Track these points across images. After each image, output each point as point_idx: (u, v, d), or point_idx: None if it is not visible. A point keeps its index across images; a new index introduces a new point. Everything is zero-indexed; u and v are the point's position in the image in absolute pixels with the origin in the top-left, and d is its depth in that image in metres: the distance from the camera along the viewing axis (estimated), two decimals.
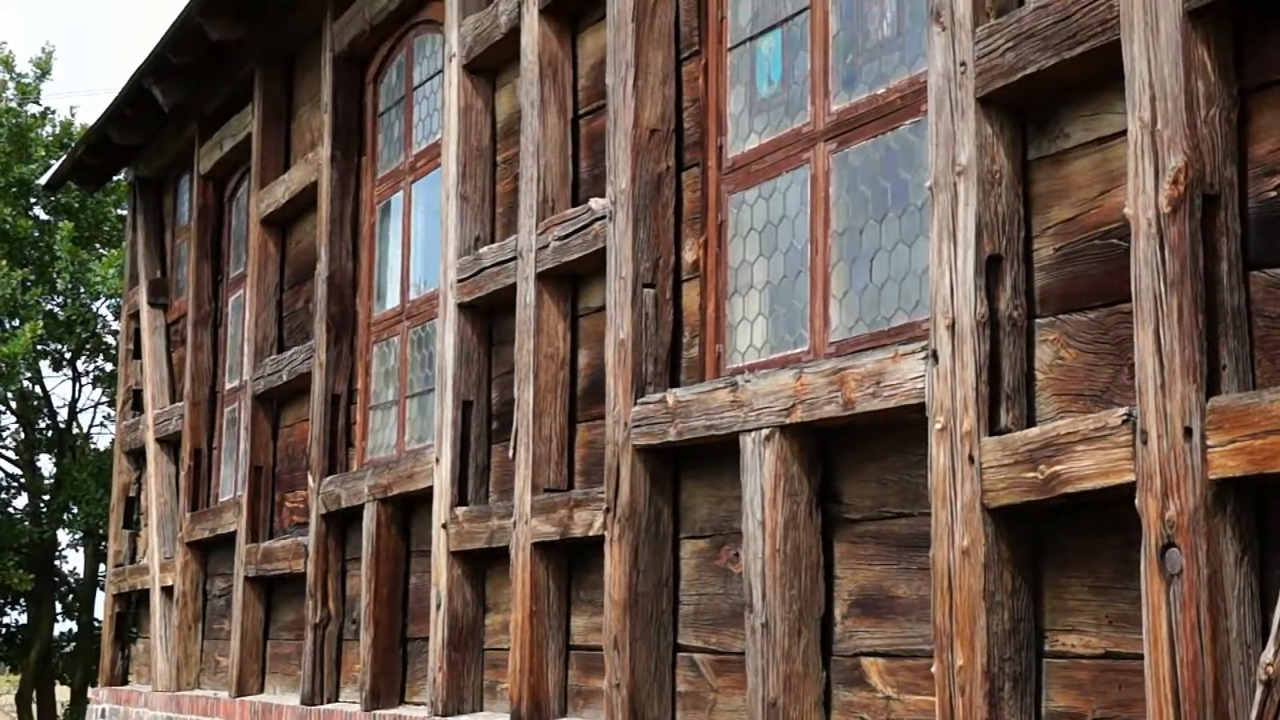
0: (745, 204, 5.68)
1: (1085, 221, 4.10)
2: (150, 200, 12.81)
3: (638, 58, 5.91)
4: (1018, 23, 4.17)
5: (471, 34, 7.28)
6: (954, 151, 4.33)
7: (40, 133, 23.97)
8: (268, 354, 9.87)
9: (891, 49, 5.07)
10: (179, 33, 10.22)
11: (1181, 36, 3.66)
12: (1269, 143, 3.62)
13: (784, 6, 5.57)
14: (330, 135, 8.98)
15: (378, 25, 8.57)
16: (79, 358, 24.82)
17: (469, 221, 7.30)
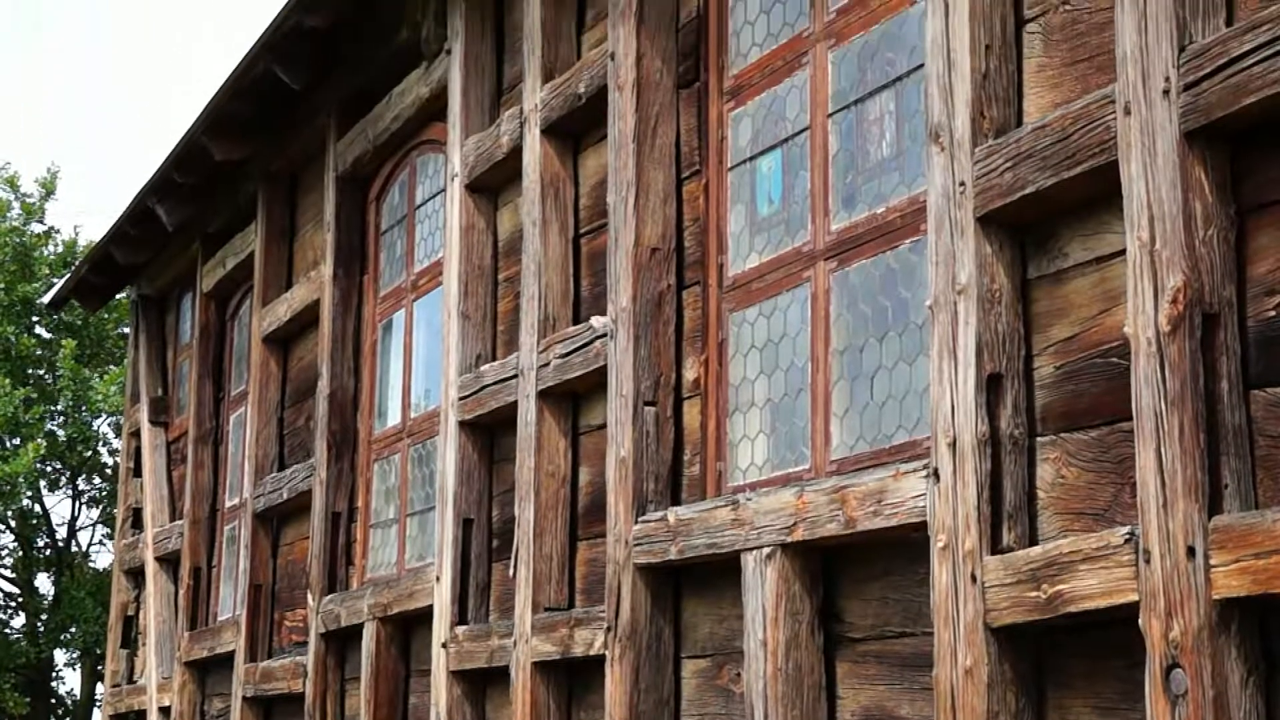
0: (746, 322, 5.70)
1: (1085, 340, 4.11)
2: (152, 318, 12.85)
3: (639, 177, 5.96)
4: (1016, 143, 4.21)
5: (474, 154, 7.34)
6: (954, 270, 4.35)
7: (44, 251, 24.11)
8: (268, 471, 9.86)
9: (891, 169, 5.11)
10: (184, 153, 10.30)
11: (1179, 157, 3.69)
12: (1267, 262, 3.64)
13: (784, 127, 5.61)
14: (333, 254, 9.03)
15: (380, 145, 8.65)
16: (79, 477, 24.78)
17: (470, 339, 7.32)
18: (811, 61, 5.47)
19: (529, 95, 6.83)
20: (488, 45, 7.49)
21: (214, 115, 9.75)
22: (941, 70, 4.47)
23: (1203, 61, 3.66)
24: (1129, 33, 3.85)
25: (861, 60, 5.26)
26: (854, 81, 5.28)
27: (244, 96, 9.46)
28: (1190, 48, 3.71)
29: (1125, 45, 3.87)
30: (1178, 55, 3.72)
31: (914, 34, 4.99)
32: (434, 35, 7.86)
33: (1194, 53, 3.69)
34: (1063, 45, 4.27)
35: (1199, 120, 3.66)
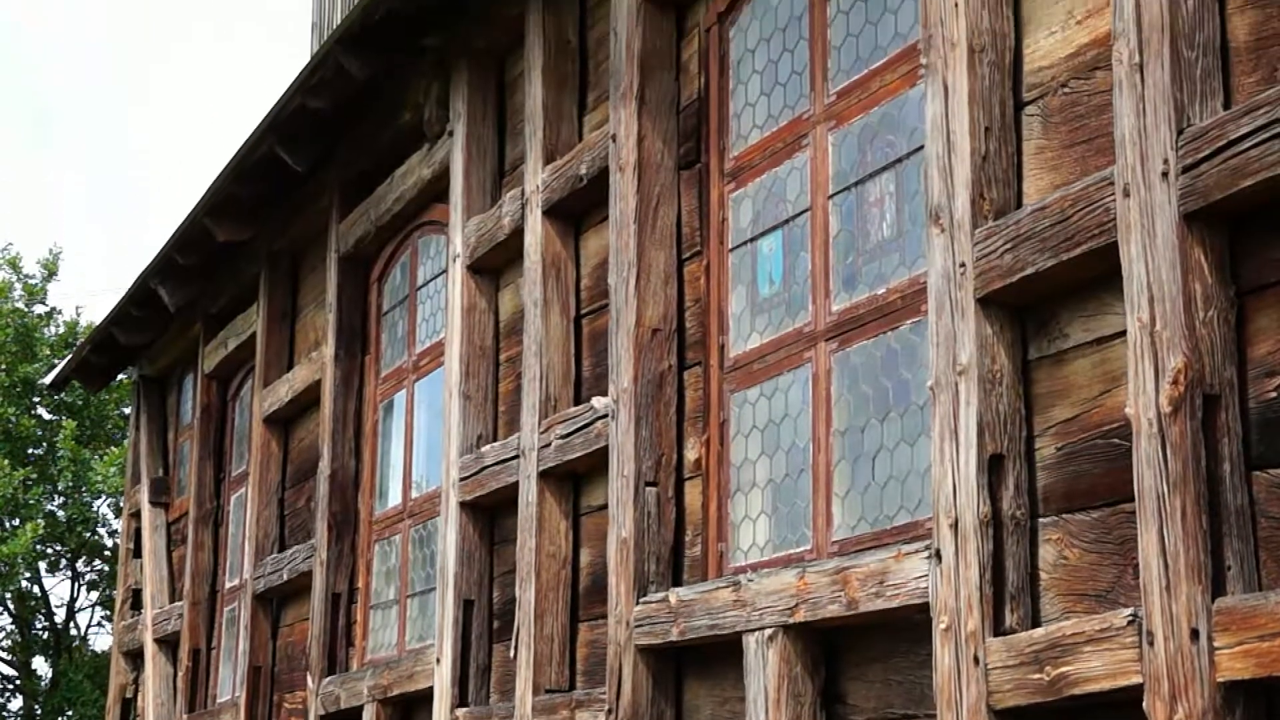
0: (747, 402, 5.70)
1: (1087, 421, 4.11)
2: (154, 399, 12.86)
3: (640, 258, 5.98)
4: (1016, 224, 4.22)
5: (475, 235, 7.37)
6: (955, 351, 4.36)
7: (45, 333, 24.14)
8: (268, 552, 9.83)
9: (891, 250, 5.12)
10: (186, 234, 10.34)
11: (1178, 239, 3.71)
12: (1267, 344, 3.64)
13: (784, 208, 5.64)
14: (334, 334, 9.04)
15: (383, 226, 8.68)
16: (78, 558, 24.71)
17: (471, 420, 7.32)
18: (812, 143, 5.50)
19: (530, 177, 6.86)
20: (490, 127, 7.54)
21: (217, 196, 9.80)
22: (941, 152, 4.50)
23: (1201, 144, 3.68)
24: (1127, 115, 3.88)
25: (862, 142, 5.29)
26: (854, 163, 5.31)
27: (247, 178, 9.51)
28: (1188, 130, 3.73)
29: (1124, 128, 3.89)
30: (1176, 138, 3.75)
31: (914, 116, 5.02)
32: (436, 117, 7.91)
33: (1192, 135, 3.71)
34: (1061, 128, 4.29)
35: (1198, 202, 3.68)
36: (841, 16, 5.42)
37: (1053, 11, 4.37)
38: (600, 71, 6.70)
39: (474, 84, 7.56)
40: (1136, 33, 3.86)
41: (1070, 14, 4.30)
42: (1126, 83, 3.89)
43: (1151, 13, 3.83)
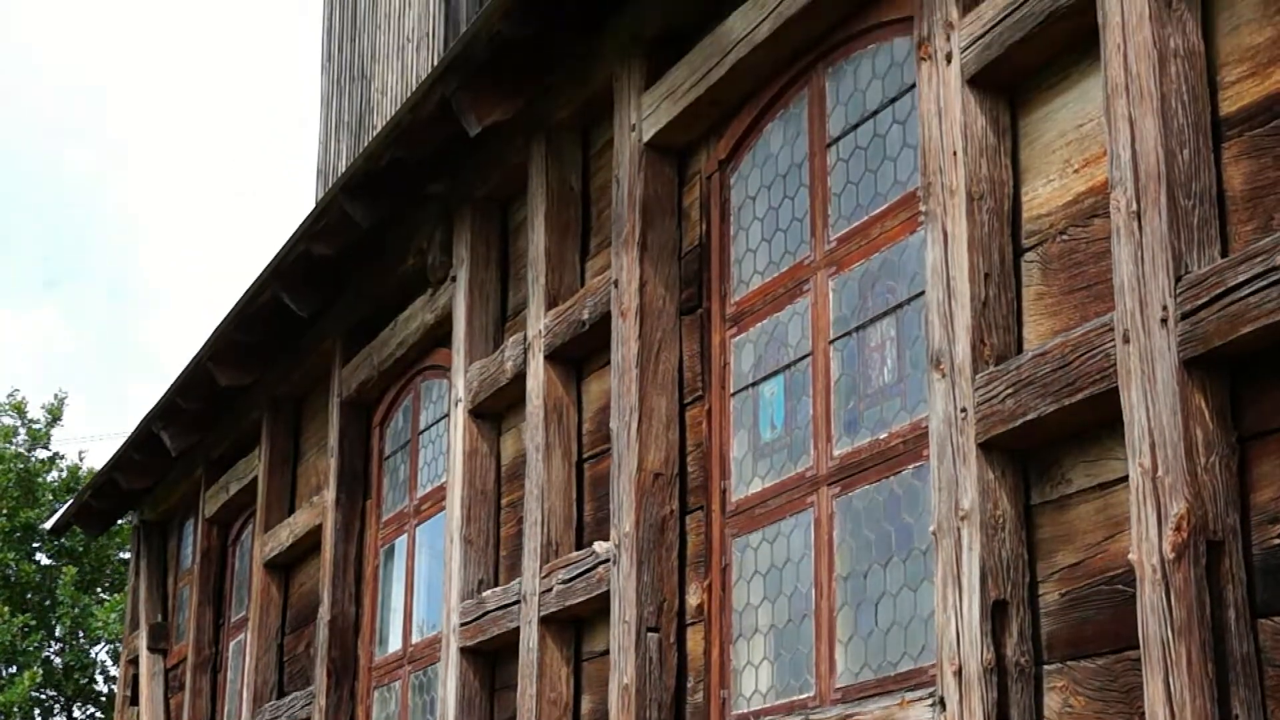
0: (749, 547, 5.68)
1: (1090, 567, 4.10)
2: (154, 544, 12.82)
3: (642, 402, 5.99)
4: (1017, 370, 4.24)
5: (478, 379, 7.39)
6: (957, 496, 4.35)
7: (47, 477, 24.12)
8: (267, 699, 9.74)
9: (893, 394, 5.13)
10: (189, 379, 10.37)
11: (1178, 385, 3.72)
12: (1270, 490, 3.64)
13: (786, 353, 5.66)
14: (335, 479, 9.03)
15: (385, 371, 8.70)
16: (73, 704, 24.47)
17: (472, 565, 7.29)
18: (813, 289, 5.53)
19: (533, 321, 6.89)
20: (492, 272, 7.59)
21: (220, 342, 9.84)
22: (942, 298, 4.53)
23: (1199, 291, 3.71)
24: (1126, 262, 3.91)
25: (862, 288, 5.32)
26: (855, 308, 5.34)
27: (250, 324, 9.55)
28: (1187, 277, 3.76)
29: (1123, 274, 3.92)
30: (1175, 285, 3.77)
31: (914, 262, 5.05)
32: (439, 262, 7.97)
33: (1190, 282, 3.74)
34: (1061, 274, 4.32)
35: (1197, 349, 3.69)
36: (841, 164, 5.48)
37: (1050, 160, 4.42)
38: (602, 217, 6.75)
39: (477, 230, 7.63)
40: (1134, 181, 3.90)
41: (1068, 163, 4.35)
42: (1124, 230, 3.92)
43: (1148, 162, 3.87)
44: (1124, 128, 3.95)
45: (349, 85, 12.05)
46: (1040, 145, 4.46)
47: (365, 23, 11.78)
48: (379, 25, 11.49)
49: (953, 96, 4.58)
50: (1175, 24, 3.90)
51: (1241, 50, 3.84)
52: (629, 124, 6.30)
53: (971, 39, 4.54)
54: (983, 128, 4.53)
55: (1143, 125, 3.90)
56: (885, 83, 5.29)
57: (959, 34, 4.58)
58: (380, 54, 11.44)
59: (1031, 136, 4.50)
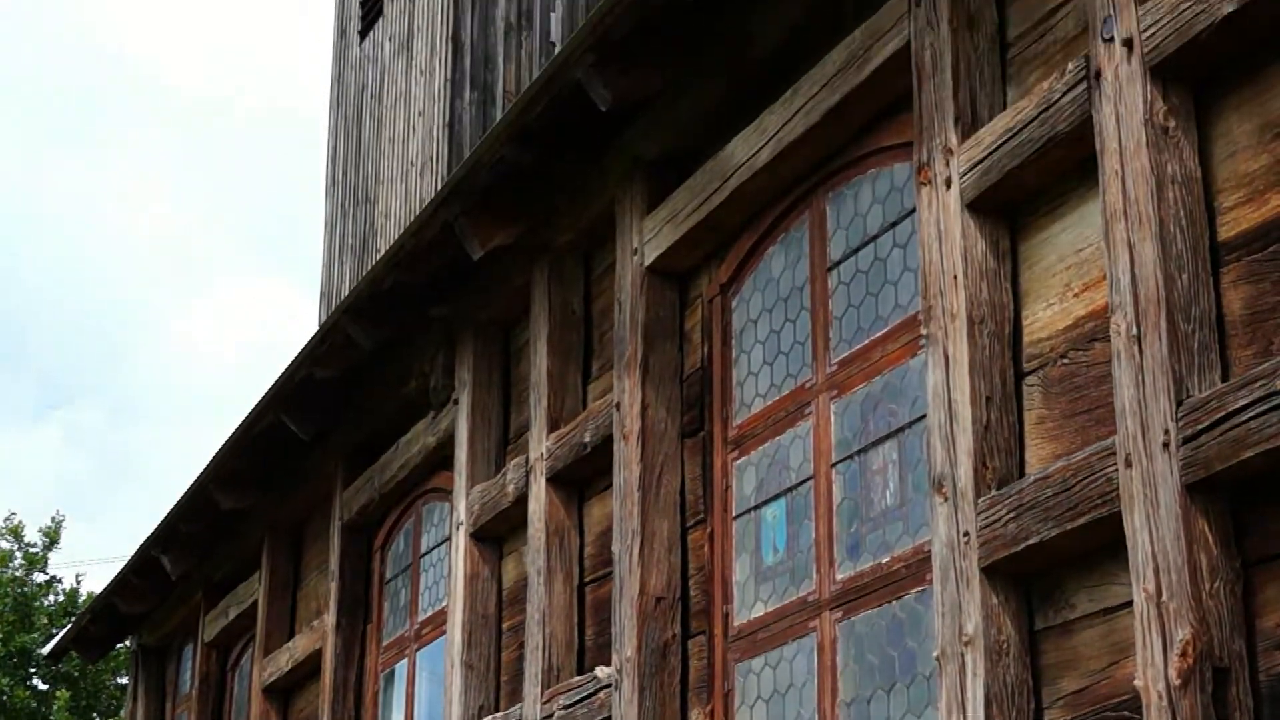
0: (752, 672, 5.63)
1: (1096, 693, 4.06)
2: (152, 669, 12.72)
3: (644, 526, 5.97)
4: (1019, 494, 4.23)
5: (479, 502, 7.37)
6: (960, 621, 4.33)
7: (44, 601, 23.99)
8: None
9: (895, 518, 5.12)
10: (190, 502, 10.35)
11: (1181, 510, 3.71)
12: (1276, 615, 3.62)
13: (788, 476, 5.65)
14: (336, 603, 8.98)
15: (386, 494, 8.68)
16: None
17: (473, 690, 7.23)
18: (814, 412, 5.53)
19: (535, 445, 6.89)
20: (494, 395, 7.59)
21: (221, 466, 9.83)
22: (943, 421, 4.53)
23: (1201, 415, 3.71)
24: (1127, 386, 3.91)
25: (864, 411, 5.32)
26: (857, 432, 5.34)
27: (252, 447, 9.55)
28: (1188, 401, 3.76)
29: (1124, 398, 3.92)
30: (1176, 409, 3.77)
31: (915, 385, 5.06)
32: (441, 385, 7.98)
33: (1192, 406, 3.74)
34: (1062, 398, 4.33)
35: (1200, 473, 3.69)
36: (843, 288, 5.50)
37: (1050, 284, 4.44)
38: (604, 340, 6.77)
39: (479, 352, 7.64)
40: (1133, 306, 3.92)
41: (1068, 286, 4.37)
42: (1125, 354, 3.93)
43: (1147, 286, 3.89)
44: (1123, 252, 3.98)
45: (353, 209, 12.13)
46: (1040, 269, 4.49)
47: (370, 148, 11.88)
48: (383, 150, 11.58)
49: (953, 221, 4.61)
50: (1172, 150, 3.94)
51: (1238, 176, 3.87)
52: (631, 248, 6.33)
53: (971, 164, 4.57)
54: (983, 252, 4.56)
55: (1142, 250, 3.92)
56: (885, 207, 5.33)
57: (958, 159, 4.62)
58: (384, 178, 11.53)
59: (1031, 260, 4.52)
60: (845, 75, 5.22)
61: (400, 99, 11.33)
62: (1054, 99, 4.30)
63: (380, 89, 11.80)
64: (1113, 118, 4.05)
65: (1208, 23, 3.81)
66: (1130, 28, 4.02)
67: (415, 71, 11.08)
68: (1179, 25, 3.89)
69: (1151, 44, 3.96)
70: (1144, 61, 3.98)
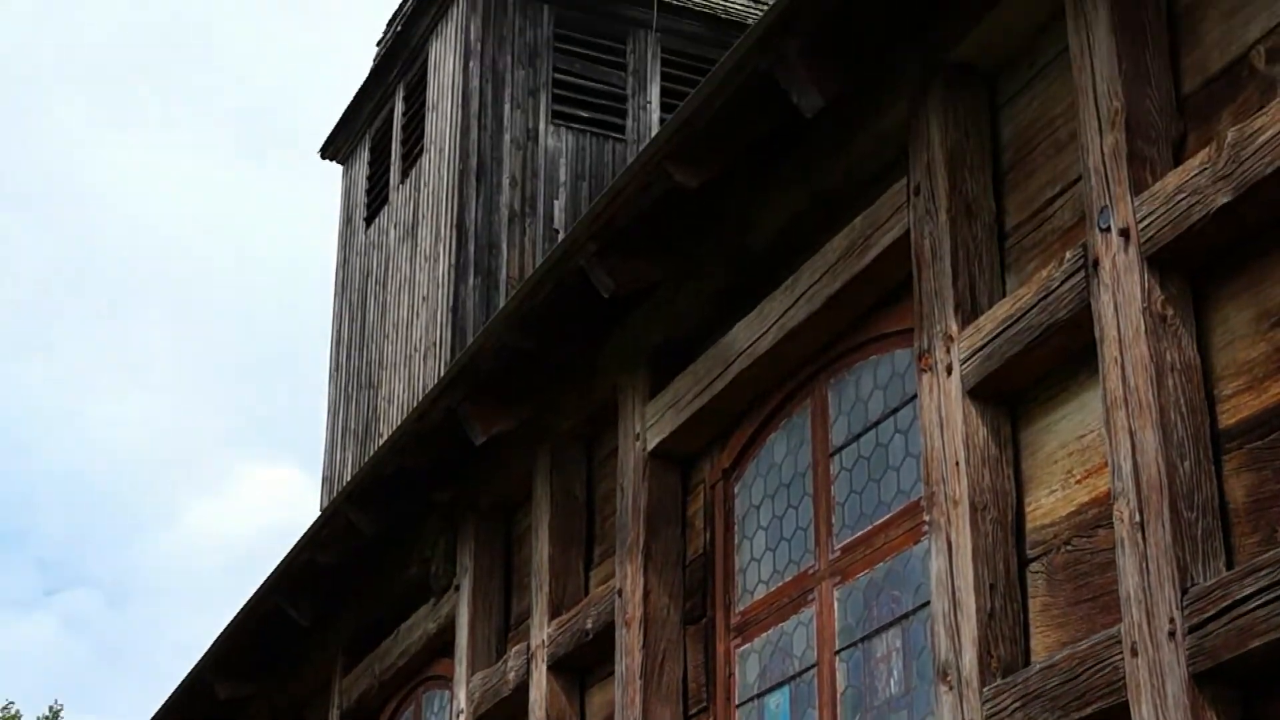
0: None
1: None
2: None
3: (646, 714, 5.90)
4: (1024, 682, 4.19)
5: (479, 690, 7.30)
6: None
7: None
8: None
9: (900, 706, 5.06)
10: (187, 692, 10.24)
11: (1189, 700, 3.67)
12: None
13: (791, 663, 5.60)
14: None
15: (386, 681, 8.59)
16: None
17: None
18: (818, 599, 5.50)
19: (536, 631, 6.84)
20: (496, 582, 7.56)
21: (220, 653, 9.74)
22: (947, 609, 4.50)
23: (1206, 604, 3.68)
24: (1131, 574, 3.89)
25: (867, 598, 5.29)
26: (860, 619, 5.30)
27: (251, 634, 9.47)
28: (1193, 590, 3.74)
29: (1128, 586, 3.90)
30: (1181, 597, 3.75)
31: (919, 572, 5.03)
32: (443, 571, 7.94)
33: (1197, 595, 3.72)
34: (1066, 585, 4.30)
35: (1207, 662, 3.66)
36: (845, 473, 5.50)
37: (1052, 470, 4.44)
38: (607, 526, 6.75)
39: (481, 538, 7.62)
40: (1136, 493, 3.92)
41: (1070, 473, 4.37)
42: (1129, 541, 3.92)
43: (1149, 473, 3.89)
44: (1124, 440, 3.98)
45: (356, 393, 12.17)
46: (1042, 456, 4.49)
47: (374, 332, 11.96)
48: (387, 335, 11.66)
49: (954, 407, 4.62)
50: (1171, 338, 3.96)
51: (1237, 364, 3.89)
52: (633, 433, 6.35)
53: (971, 351, 4.60)
54: (984, 438, 4.57)
55: (1143, 437, 3.93)
56: (887, 393, 5.35)
57: (959, 346, 4.65)
58: (388, 362, 11.59)
59: (1033, 447, 4.53)
60: (846, 263, 5.27)
61: (405, 284, 11.43)
62: (1053, 287, 4.33)
63: (385, 274, 11.91)
64: (1111, 306, 4.08)
65: (1203, 213, 3.86)
66: (1126, 218, 4.07)
67: (420, 257, 11.20)
68: (1174, 216, 3.94)
69: (1148, 234, 4.00)
70: (1141, 251, 4.02)
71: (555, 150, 11.03)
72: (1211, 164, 3.85)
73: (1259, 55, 3.91)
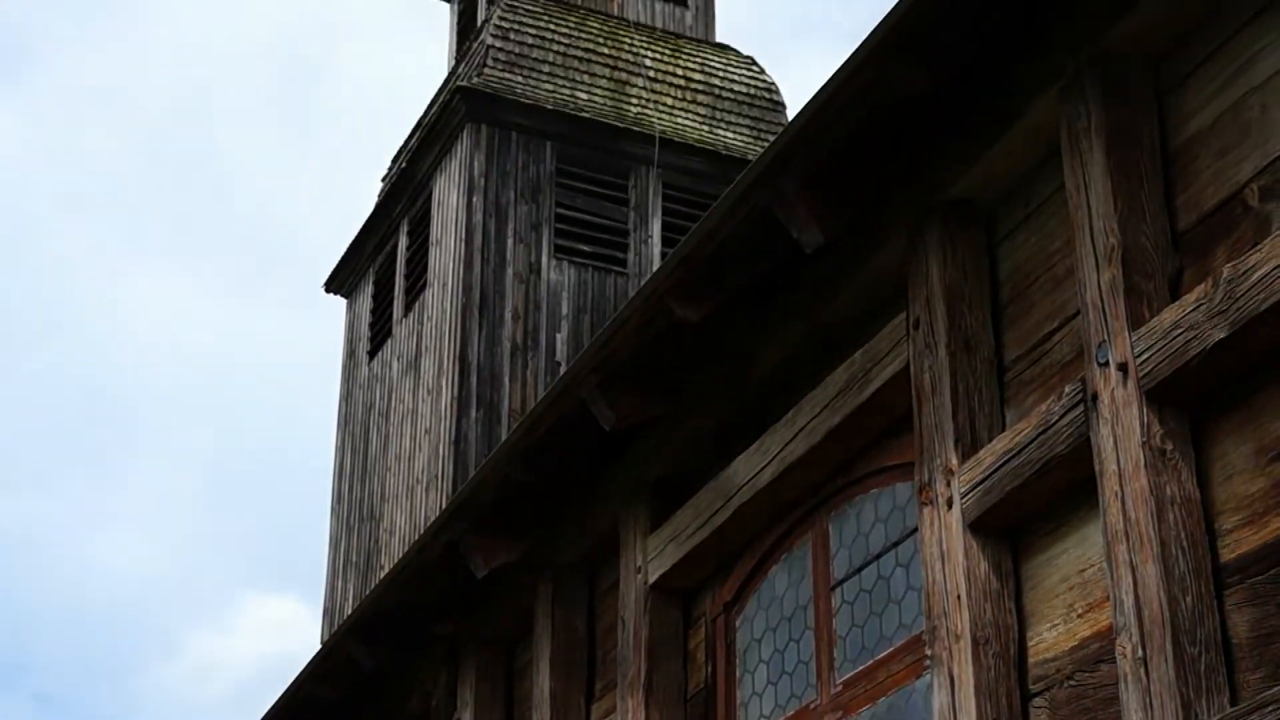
0: None
1: None
2: None
3: None
4: None
5: None
6: None
7: None
8: None
9: None
10: None
11: None
12: None
13: None
14: None
15: None
16: None
17: None
18: None
19: None
20: (497, 716, 7.51)
21: None
22: None
23: None
24: (1135, 709, 3.87)
25: None
26: None
27: None
28: None
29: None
30: None
31: (921, 707, 5.01)
32: (444, 704, 7.90)
33: None
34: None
35: None
36: (846, 607, 5.48)
37: (1054, 604, 4.43)
38: (607, 660, 6.72)
39: (482, 671, 7.58)
40: (1138, 627, 3.91)
41: (1071, 607, 4.36)
42: (1131, 676, 3.90)
43: (1151, 608, 3.88)
44: (1126, 574, 3.98)
45: (358, 525, 12.16)
46: (1044, 589, 4.48)
47: (376, 464, 11.97)
48: (389, 467, 11.67)
49: (955, 541, 4.62)
50: (1170, 472, 3.97)
51: (1237, 499, 3.89)
52: (635, 566, 6.34)
53: (971, 485, 4.61)
54: (986, 572, 4.56)
55: (1144, 571, 3.93)
56: (888, 526, 5.35)
57: (959, 480, 4.66)
58: (390, 494, 11.59)
59: (1035, 581, 4.52)
60: (846, 396, 5.29)
61: (407, 417, 11.46)
62: (1052, 421, 4.35)
63: (387, 407, 11.95)
64: (1110, 440, 4.09)
65: (1200, 349, 3.88)
66: (1124, 353, 4.09)
67: (422, 390, 11.24)
68: (1172, 351, 3.96)
69: (1146, 368, 4.03)
70: (1139, 385, 4.04)
71: (557, 284, 11.11)
72: (1208, 299, 3.88)
73: (1253, 193, 3.96)
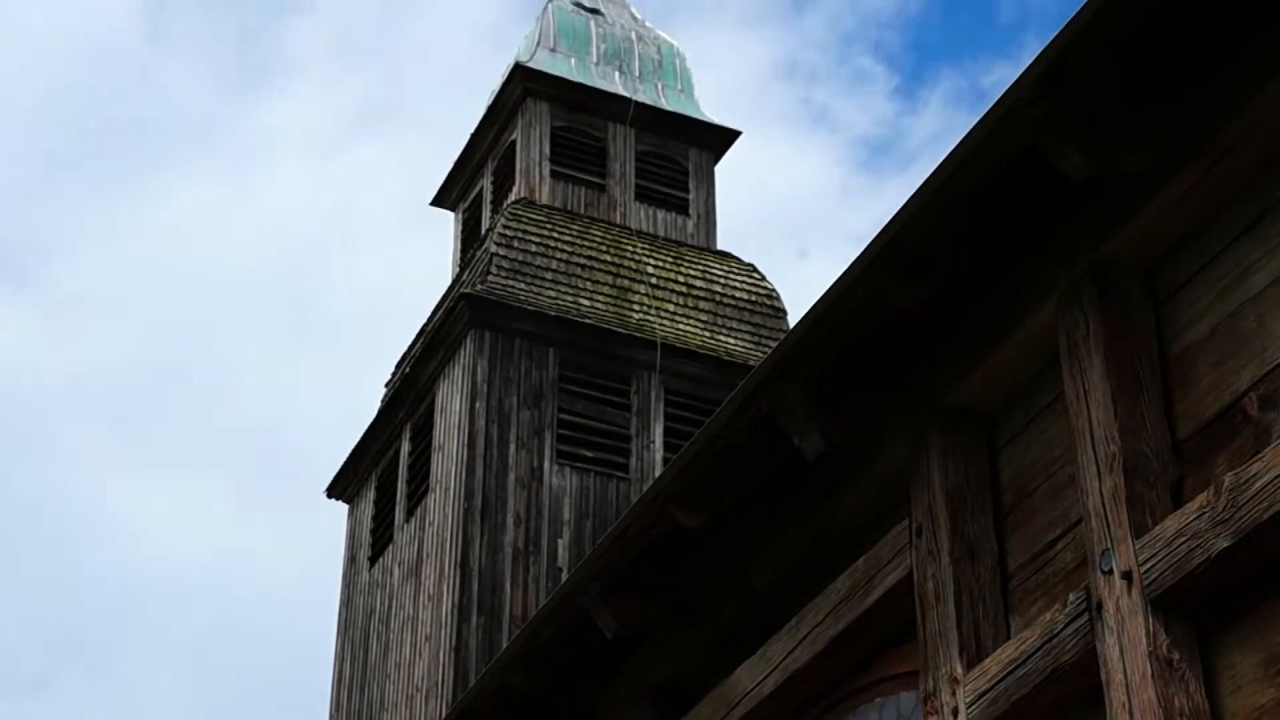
0: None
1: None
2: None
3: None
4: None
5: None
6: None
7: None
8: None
9: None
10: None
11: None
12: None
13: None
14: None
15: None
16: None
17: None
18: None
19: None
20: None
21: None
22: None
23: None
24: None
25: None
26: None
27: None
28: None
29: None
30: None
31: None
32: None
33: None
34: None
35: None
36: None
37: None
38: None
39: None
40: None
41: None
42: None
43: None
44: None
45: None
46: None
47: (375, 672, 11.85)
48: (389, 674, 11.55)
49: None
50: (1178, 683, 3.92)
51: (1246, 711, 3.84)
52: None
53: (978, 694, 4.55)
54: None
55: None
56: None
57: (964, 689, 4.60)
58: (389, 702, 11.46)
59: None
60: (849, 604, 5.25)
61: (407, 623, 11.38)
62: (1057, 630, 4.31)
63: (388, 613, 11.86)
64: (1116, 649, 4.05)
65: (1204, 558, 3.86)
66: (1129, 561, 4.07)
67: (423, 596, 11.17)
68: (1176, 559, 3.94)
69: (1150, 577, 4.00)
70: (1144, 594, 4.01)
71: (559, 489, 11.10)
72: (1210, 508, 3.87)
73: (1252, 402, 3.97)
